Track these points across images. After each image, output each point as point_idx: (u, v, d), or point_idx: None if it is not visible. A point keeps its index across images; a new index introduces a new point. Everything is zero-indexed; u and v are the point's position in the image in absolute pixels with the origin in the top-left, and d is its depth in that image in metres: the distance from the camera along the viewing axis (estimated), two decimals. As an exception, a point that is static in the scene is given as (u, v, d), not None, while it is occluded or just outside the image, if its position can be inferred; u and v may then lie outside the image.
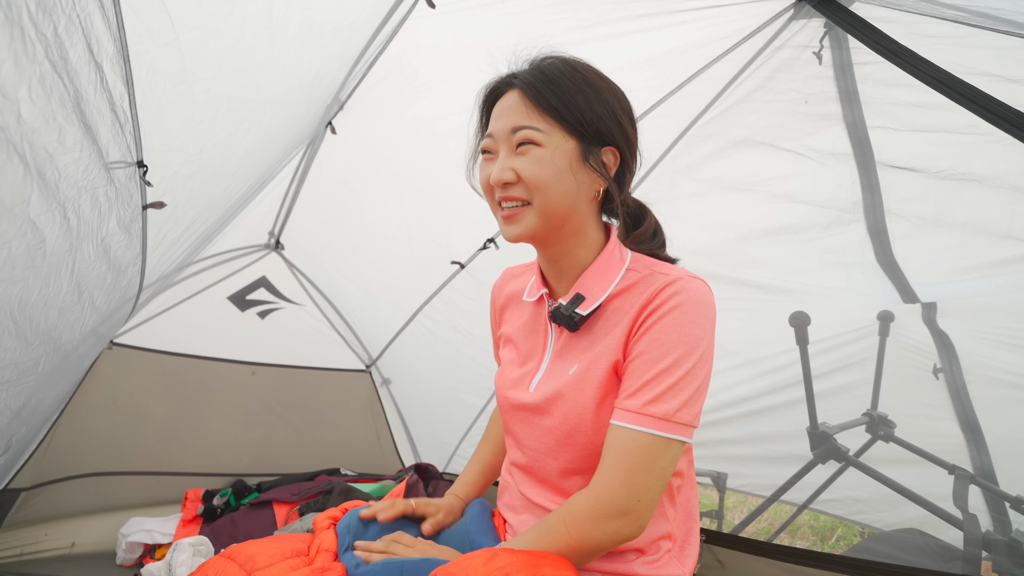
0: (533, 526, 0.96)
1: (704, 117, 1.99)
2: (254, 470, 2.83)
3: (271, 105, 1.66)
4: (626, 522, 0.88)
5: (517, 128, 0.95)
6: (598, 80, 0.98)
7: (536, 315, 1.11)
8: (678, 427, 0.88)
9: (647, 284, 0.96)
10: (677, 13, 1.67)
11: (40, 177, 1.04)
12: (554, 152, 0.94)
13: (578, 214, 0.99)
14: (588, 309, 0.99)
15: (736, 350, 2.19)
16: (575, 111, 0.94)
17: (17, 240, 1.08)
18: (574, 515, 0.90)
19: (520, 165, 0.95)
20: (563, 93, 0.94)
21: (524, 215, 0.97)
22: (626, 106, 1.01)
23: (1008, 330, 1.77)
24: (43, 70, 0.93)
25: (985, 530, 1.62)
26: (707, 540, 1.83)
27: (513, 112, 0.96)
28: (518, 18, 1.75)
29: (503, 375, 1.12)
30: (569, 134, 0.95)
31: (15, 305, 1.19)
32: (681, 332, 0.90)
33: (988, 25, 1.33)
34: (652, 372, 0.89)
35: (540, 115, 0.94)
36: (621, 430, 0.89)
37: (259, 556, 0.97)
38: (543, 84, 0.95)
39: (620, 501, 0.88)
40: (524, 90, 0.96)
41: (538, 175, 0.94)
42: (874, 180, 1.80)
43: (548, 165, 0.94)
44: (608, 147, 0.98)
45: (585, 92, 0.95)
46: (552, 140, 0.94)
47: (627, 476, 0.87)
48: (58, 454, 2.38)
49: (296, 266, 3.09)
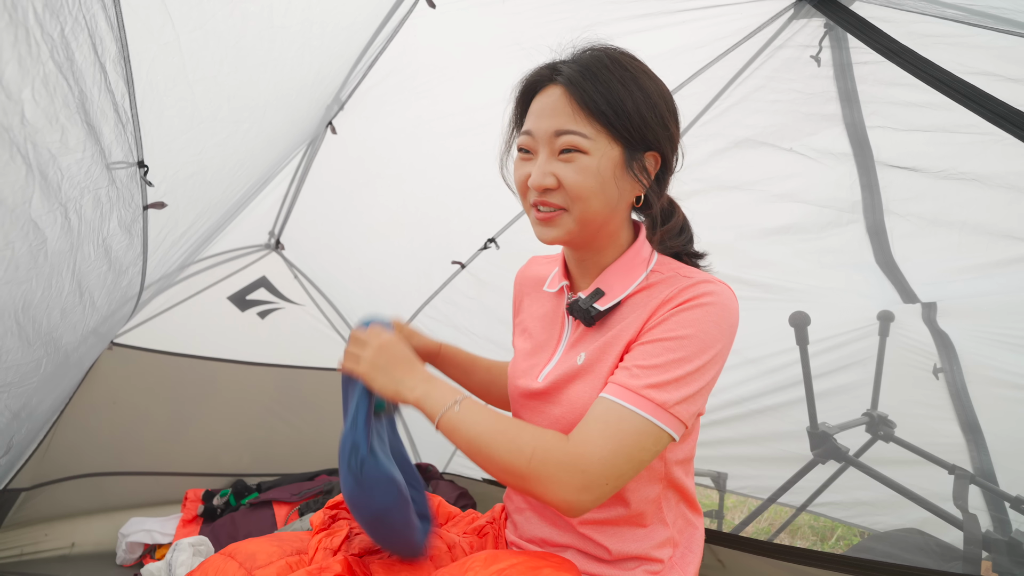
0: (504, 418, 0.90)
1: (704, 117, 1.99)
2: (254, 470, 2.83)
3: (271, 105, 1.66)
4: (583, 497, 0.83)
5: (562, 132, 0.89)
6: (647, 80, 0.91)
7: (555, 306, 1.09)
8: (673, 420, 0.84)
9: (669, 284, 0.93)
10: (677, 13, 1.67)
11: (42, 177, 1.04)
12: (600, 160, 0.89)
13: (615, 220, 0.96)
14: (606, 305, 0.96)
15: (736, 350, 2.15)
16: (624, 117, 0.88)
17: (20, 241, 1.08)
18: (545, 454, 0.84)
19: (563, 173, 0.90)
20: (612, 96, 0.88)
21: (561, 220, 0.93)
22: (673, 107, 0.95)
23: (1008, 330, 1.77)
24: (47, 71, 0.93)
25: (985, 530, 1.62)
26: (707, 540, 1.83)
27: (557, 113, 0.90)
28: (518, 18, 1.75)
29: (515, 364, 1.11)
30: (615, 140, 0.89)
31: (19, 307, 1.19)
32: (699, 328, 0.86)
33: (988, 25, 1.33)
34: (661, 359, 0.85)
35: (587, 119, 0.88)
36: (616, 405, 0.85)
37: (259, 554, 0.97)
38: (591, 84, 0.88)
39: (594, 473, 0.82)
40: (570, 89, 0.89)
41: (582, 185, 0.89)
42: (873, 180, 1.80)
43: (593, 175, 0.89)
44: (651, 152, 0.93)
45: (635, 95, 0.88)
46: (598, 147, 0.89)
47: (610, 454, 0.82)
48: (58, 454, 2.38)
49: (296, 266, 3.09)
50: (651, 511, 0.97)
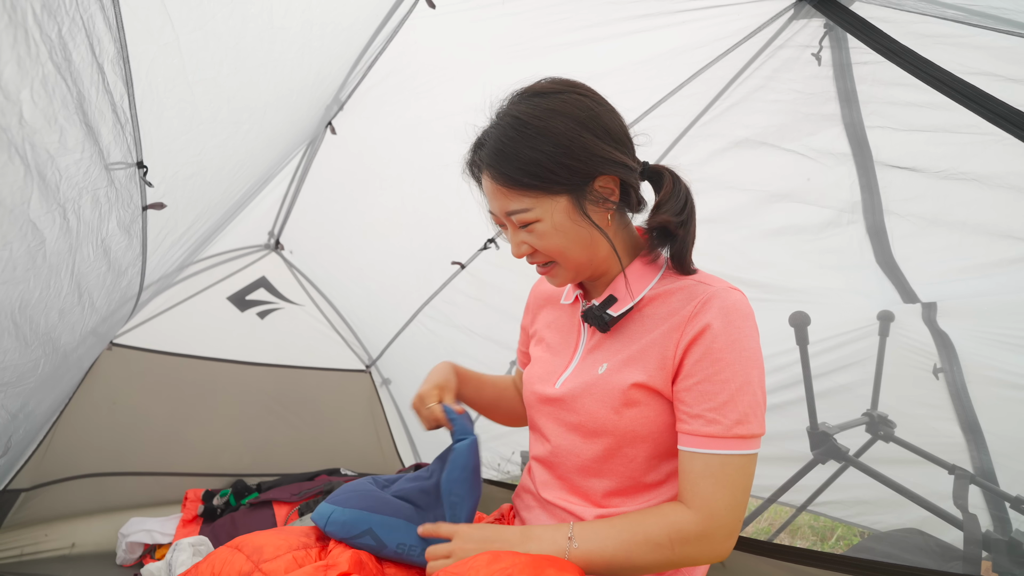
0: (620, 523, 0.93)
1: (704, 117, 1.99)
2: (254, 470, 2.83)
3: (271, 106, 1.66)
4: (729, 544, 0.90)
5: (509, 213, 0.96)
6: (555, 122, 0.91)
7: (571, 316, 1.12)
8: (758, 441, 0.91)
9: (688, 294, 0.95)
10: (677, 13, 1.67)
11: (41, 178, 1.04)
12: (552, 220, 0.94)
13: (603, 248, 1.00)
14: (620, 311, 0.99)
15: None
16: (546, 175, 0.91)
17: (18, 241, 1.08)
18: (683, 536, 0.89)
19: (531, 240, 0.98)
20: (524, 163, 0.91)
21: (557, 271, 1.01)
22: (599, 125, 0.93)
23: (1008, 330, 1.77)
24: (46, 71, 0.93)
25: (985, 530, 1.62)
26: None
27: (496, 198, 0.97)
28: (518, 18, 1.75)
29: (531, 370, 1.13)
30: (554, 195, 0.93)
31: (16, 307, 1.19)
32: (740, 348, 0.90)
33: (988, 25, 1.33)
34: (726, 394, 0.89)
35: (518, 194, 0.94)
36: (714, 457, 0.89)
37: (266, 547, 0.97)
38: (504, 162, 0.93)
39: (729, 526, 0.89)
40: (492, 175, 0.95)
41: (549, 246, 0.97)
42: (873, 180, 1.80)
43: (554, 234, 0.95)
44: (599, 176, 0.94)
45: (545, 150, 0.91)
46: (544, 209, 0.94)
47: (733, 501, 0.88)
48: (58, 454, 2.38)
49: (296, 266, 3.09)
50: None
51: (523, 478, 1.19)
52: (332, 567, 0.92)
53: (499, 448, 2.85)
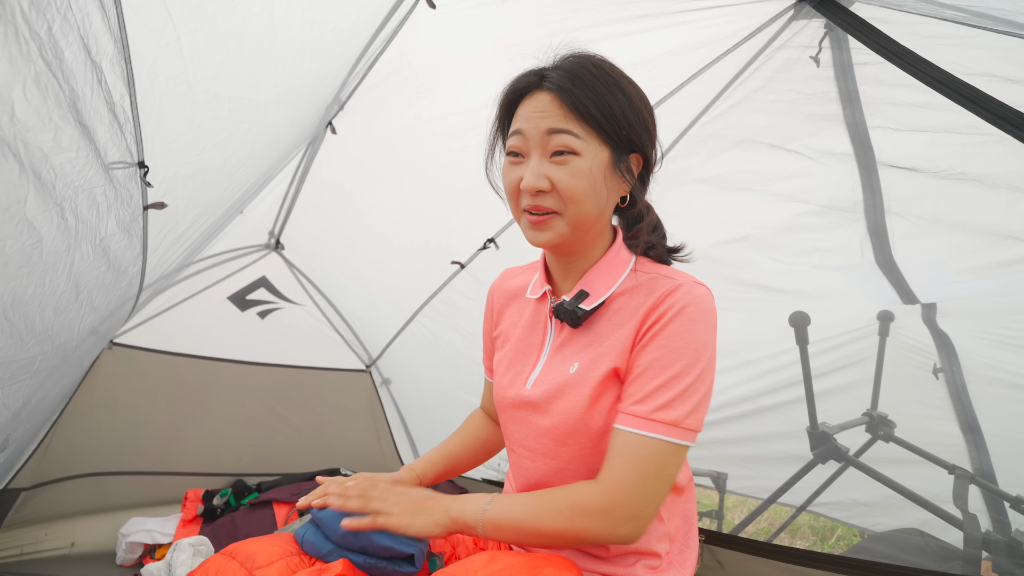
0: (534, 493, 0.95)
1: (704, 117, 1.99)
2: (254, 470, 2.83)
3: (272, 105, 1.66)
4: (632, 527, 0.89)
5: (555, 131, 0.90)
6: (628, 85, 0.94)
7: (536, 312, 1.10)
8: (687, 433, 0.89)
9: (652, 287, 0.95)
10: (677, 13, 1.67)
11: (36, 176, 1.04)
12: (592, 162, 0.91)
13: (603, 221, 0.99)
14: (591, 305, 0.98)
15: (736, 350, 2.20)
16: (612, 120, 0.90)
17: (12, 239, 1.08)
18: (582, 507, 0.90)
19: (557, 175, 0.91)
20: (600, 100, 0.90)
21: (553, 224, 0.94)
22: (651, 109, 0.98)
23: (1008, 330, 1.77)
24: (38, 69, 0.93)
25: (985, 530, 1.62)
26: (707, 540, 1.84)
27: (548, 115, 0.91)
28: (518, 18, 1.75)
29: (499, 375, 1.11)
30: (604, 143, 0.92)
31: (8, 303, 1.19)
32: (689, 339, 0.90)
33: (988, 25, 1.33)
34: (661, 378, 0.89)
35: (578, 121, 0.90)
36: (631, 435, 0.89)
37: (259, 554, 0.97)
38: (580, 88, 0.90)
39: (630, 506, 0.88)
40: (560, 94, 0.90)
41: (576, 187, 0.90)
42: (875, 180, 1.80)
43: (586, 177, 0.90)
44: (635, 153, 0.96)
45: (620, 99, 0.91)
46: (590, 149, 0.90)
47: (639, 482, 0.88)
48: (58, 454, 2.38)
49: (296, 266, 3.09)
50: None
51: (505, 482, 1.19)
52: (325, 570, 0.93)
53: (499, 448, 2.84)
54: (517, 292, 1.17)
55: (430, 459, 1.24)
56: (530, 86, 0.95)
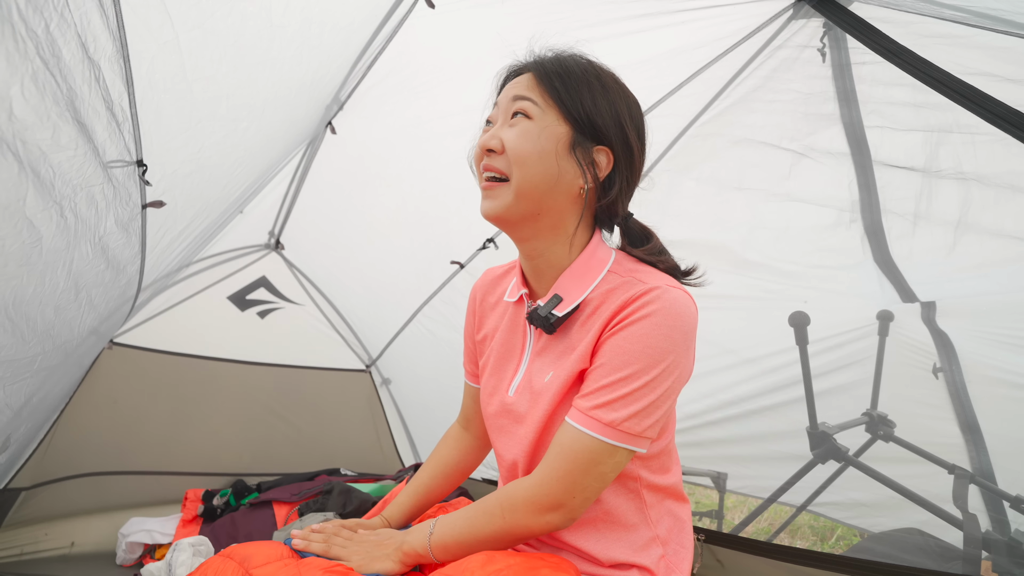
0: (471, 506, 0.98)
1: (704, 117, 1.99)
2: (254, 470, 2.83)
3: (270, 104, 1.66)
4: (559, 514, 0.90)
5: (517, 97, 0.95)
6: (612, 82, 0.98)
7: (516, 316, 1.08)
8: (624, 436, 0.87)
9: (625, 290, 0.92)
10: (677, 13, 1.67)
11: (35, 175, 1.04)
12: (542, 130, 0.93)
13: (556, 206, 0.96)
14: (564, 311, 0.95)
15: (735, 350, 2.20)
16: (575, 97, 0.94)
17: (12, 237, 1.08)
18: (511, 503, 0.92)
19: (507, 135, 0.94)
20: (569, 78, 0.94)
21: (500, 191, 0.95)
22: (635, 116, 0.99)
23: (1008, 330, 1.77)
24: (35, 67, 0.93)
25: (985, 530, 1.61)
26: (707, 540, 1.83)
27: (519, 85, 0.97)
28: (518, 18, 1.75)
29: (484, 381, 1.11)
30: (564, 119, 0.94)
31: (9, 302, 1.19)
32: (645, 344, 0.87)
33: (987, 25, 1.33)
34: (609, 379, 0.88)
35: (540, 92, 0.95)
36: (569, 428, 0.90)
37: (255, 555, 0.97)
38: (554, 66, 0.96)
39: (556, 495, 0.89)
40: (534, 69, 0.97)
41: (520, 147, 0.92)
42: (871, 179, 1.80)
43: (532, 140, 0.93)
44: (602, 146, 0.95)
45: (592, 85, 0.95)
46: (544, 118, 0.94)
47: (566, 474, 0.89)
48: (58, 454, 2.38)
49: (296, 266, 3.09)
50: (630, 510, 0.98)
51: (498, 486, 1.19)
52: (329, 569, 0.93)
53: (499, 448, 2.84)
54: (498, 294, 1.16)
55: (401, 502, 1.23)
56: (519, 69, 1.01)
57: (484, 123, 1.04)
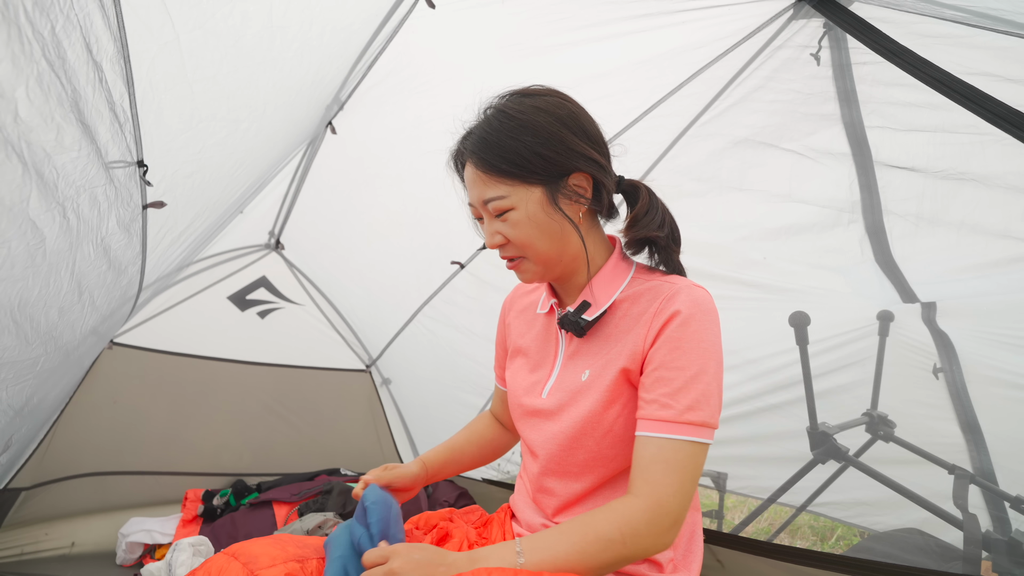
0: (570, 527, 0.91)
1: (704, 117, 1.99)
2: (254, 470, 2.83)
3: (271, 105, 1.66)
4: (674, 532, 0.91)
5: (486, 200, 0.99)
6: (537, 117, 0.97)
7: (547, 325, 1.14)
8: (711, 432, 0.92)
9: (655, 294, 0.98)
10: (677, 13, 1.67)
11: (39, 176, 1.04)
12: (526, 209, 0.98)
13: (572, 245, 1.02)
14: (594, 315, 1.02)
15: (736, 350, 2.19)
16: (524, 164, 0.96)
17: (17, 239, 1.08)
18: (632, 527, 0.88)
19: (504, 230, 1.00)
20: (506, 152, 0.97)
21: (524, 266, 1.03)
22: (578, 123, 1.00)
23: (1008, 330, 1.77)
24: (40, 69, 0.93)
25: (985, 530, 1.62)
26: (707, 540, 1.83)
27: (475, 185, 1.01)
28: (518, 18, 1.75)
29: (516, 383, 1.15)
30: (530, 185, 0.97)
31: (15, 304, 1.19)
32: (699, 339, 0.93)
33: (988, 25, 1.33)
34: (680, 381, 0.91)
35: (496, 181, 0.98)
36: (666, 441, 0.90)
37: (262, 556, 0.97)
38: (486, 150, 0.98)
39: (675, 512, 0.89)
40: (475, 161, 1.00)
41: (520, 236, 0.99)
42: (872, 180, 1.80)
43: (526, 224, 0.98)
44: (571, 174, 0.99)
45: (526, 140, 0.96)
46: (519, 198, 0.98)
47: (680, 486, 0.89)
48: (58, 454, 2.38)
49: (296, 266, 3.09)
50: None
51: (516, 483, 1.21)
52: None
53: (499, 448, 2.84)
54: (528, 306, 1.22)
55: (438, 453, 1.28)
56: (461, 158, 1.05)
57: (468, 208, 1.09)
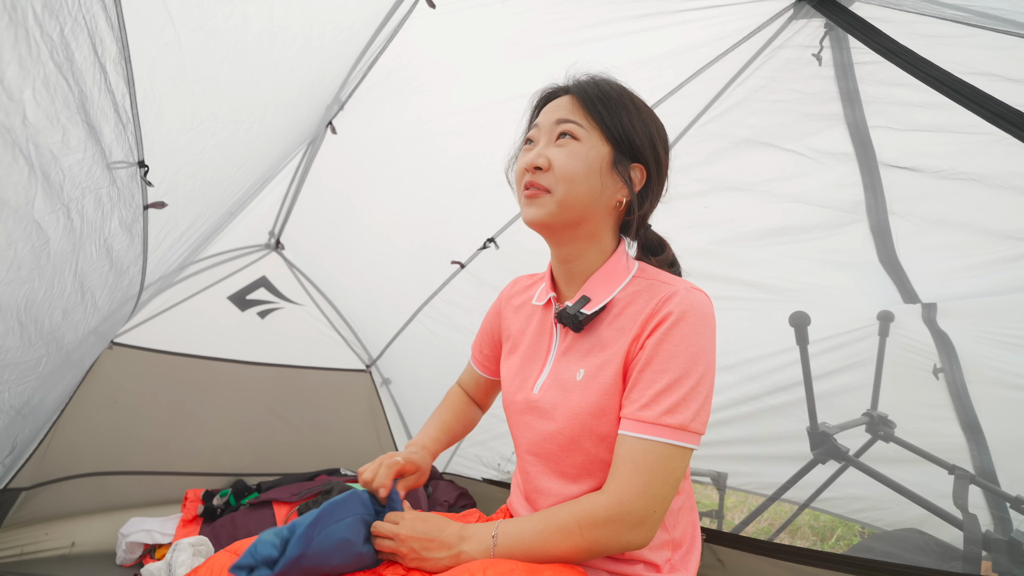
0: (539, 516, 0.97)
1: (704, 117, 1.99)
2: (254, 470, 2.83)
3: (271, 105, 1.66)
4: (641, 532, 0.90)
5: (562, 120, 1.02)
6: (645, 108, 1.05)
7: (543, 319, 1.13)
8: (692, 436, 0.91)
9: (652, 294, 0.98)
10: (677, 13, 1.67)
11: (45, 178, 1.04)
12: (589, 150, 1.00)
13: (596, 217, 1.03)
14: (592, 310, 1.01)
15: (736, 350, 2.20)
16: (616, 120, 1.01)
17: (23, 241, 1.08)
18: (591, 520, 0.91)
19: (555, 155, 1.00)
20: (609, 102, 1.02)
21: (544, 199, 1.01)
22: (663, 135, 1.07)
23: (1008, 330, 1.77)
24: (47, 71, 0.93)
25: (985, 530, 1.62)
26: (707, 539, 1.84)
27: (561, 108, 1.04)
28: (518, 18, 1.75)
29: (508, 378, 1.15)
30: (606, 139, 1.01)
31: (21, 306, 1.19)
32: (688, 343, 0.92)
33: (988, 25, 1.33)
34: (664, 382, 0.91)
35: (585, 115, 1.02)
36: (638, 441, 0.91)
37: None
38: (594, 91, 1.03)
39: (638, 512, 0.89)
40: (576, 93, 1.04)
41: (569, 166, 0.99)
42: (876, 180, 1.80)
43: (581, 160, 0.99)
44: (637, 164, 1.03)
45: (629, 109, 1.02)
46: (590, 139, 1.01)
47: (646, 487, 0.89)
48: (58, 454, 2.38)
49: (296, 266, 3.09)
50: None
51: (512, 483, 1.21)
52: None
53: (499, 448, 2.85)
54: (526, 300, 1.21)
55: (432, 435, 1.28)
56: (558, 91, 1.09)
57: (523, 142, 1.10)
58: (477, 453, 2.94)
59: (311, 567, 0.92)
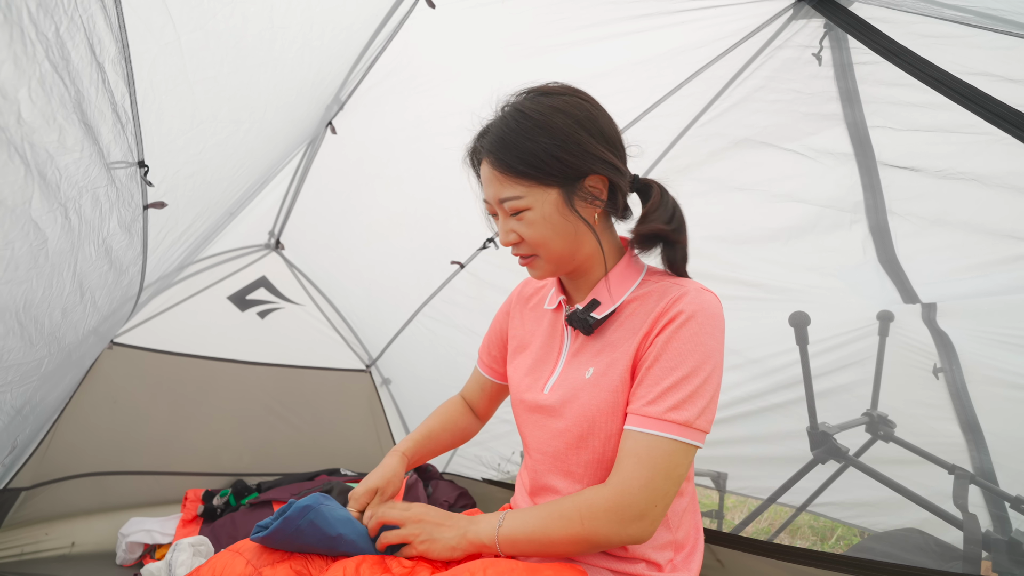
0: (544, 504, 0.98)
1: (704, 117, 1.99)
2: (254, 470, 2.83)
3: (271, 105, 1.66)
4: (641, 526, 0.91)
5: (502, 200, 0.99)
6: (555, 118, 0.96)
7: (553, 321, 1.14)
8: (697, 433, 0.91)
9: (662, 294, 0.98)
10: (677, 13, 1.67)
11: (41, 177, 1.04)
12: (542, 210, 0.97)
13: (586, 245, 1.02)
14: (603, 313, 1.02)
15: (736, 350, 2.20)
16: (541, 166, 0.96)
17: (20, 241, 1.08)
18: (591, 510, 0.92)
19: (519, 229, 1.00)
20: (523, 153, 0.96)
21: (537, 263, 1.04)
22: (597, 126, 0.98)
23: (1008, 330, 1.77)
24: (43, 70, 0.93)
25: (985, 530, 1.62)
26: (707, 540, 1.83)
27: (491, 184, 1.01)
28: (518, 18, 1.75)
29: (517, 378, 1.15)
30: (546, 186, 0.97)
31: (20, 306, 1.19)
32: (697, 342, 0.92)
33: (988, 25, 1.33)
34: (671, 379, 0.91)
35: (513, 182, 0.97)
36: (643, 435, 0.91)
37: (266, 554, 0.98)
38: (504, 150, 0.97)
39: (639, 505, 0.90)
40: (491, 161, 0.99)
41: (535, 236, 0.99)
42: (875, 180, 1.80)
43: (541, 224, 0.98)
44: (588, 176, 0.98)
45: (542, 142, 0.95)
46: (535, 199, 0.97)
47: (648, 481, 0.89)
48: (58, 454, 2.38)
49: (296, 266, 3.09)
50: None
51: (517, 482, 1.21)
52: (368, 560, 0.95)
53: (499, 448, 2.85)
54: (537, 302, 1.22)
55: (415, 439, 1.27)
56: (477, 155, 1.05)
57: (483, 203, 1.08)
58: (477, 453, 2.94)
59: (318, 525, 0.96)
